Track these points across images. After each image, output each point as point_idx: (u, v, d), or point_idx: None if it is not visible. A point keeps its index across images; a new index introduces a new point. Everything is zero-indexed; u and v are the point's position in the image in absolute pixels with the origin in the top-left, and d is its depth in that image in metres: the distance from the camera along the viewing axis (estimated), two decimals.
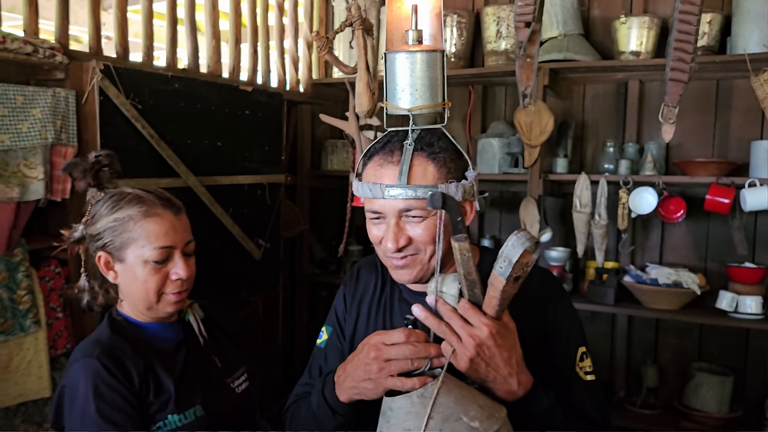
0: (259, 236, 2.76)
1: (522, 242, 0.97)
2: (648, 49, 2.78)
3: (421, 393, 0.98)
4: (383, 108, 1.85)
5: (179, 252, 1.37)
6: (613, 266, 2.95)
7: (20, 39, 1.88)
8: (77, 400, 1.28)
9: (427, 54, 1.12)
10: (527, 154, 2.79)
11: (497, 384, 1.06)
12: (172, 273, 1.36)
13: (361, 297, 1.37)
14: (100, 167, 1.41)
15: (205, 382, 1.45)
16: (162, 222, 1.35)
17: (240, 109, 2.65)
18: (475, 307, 1.05)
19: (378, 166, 1.17)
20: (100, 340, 1.34)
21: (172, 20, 2.61)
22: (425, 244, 1.16)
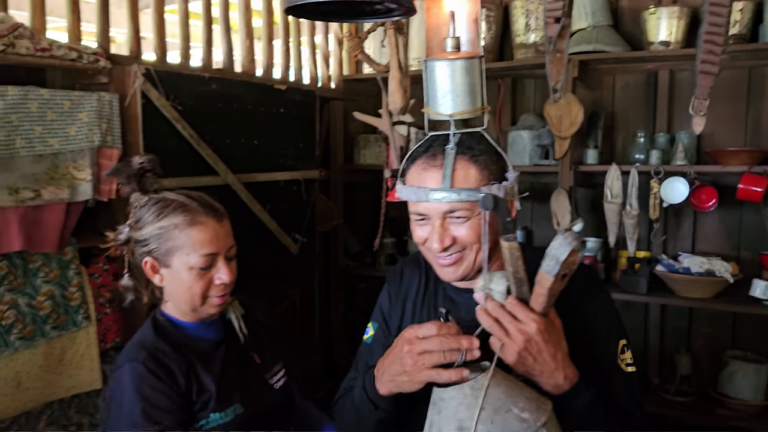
0: (296, 231, 2.83)
1: (569, 242, 1.01)
2: (678, 39, 2.77)
3: (473, 385, 1.02)
4: (412, 104, 1.91)
5: (222, 257, 1.43)
6: (645, 256, 2.96)
7: (65, 45, 1.96)
8: (124, 405, 1.34)
9: (467, 61, 1.16)
10: (557, 146, 2.81)
11: (543, 377, 1.10)
12: (216, 278, 1.42)
13: (406, 294, 1.41)
14: (144, 172, 1.47)
15: (243, 380, 1.50)
16: (206, 230, 1.41)
17: (275, 108, 2.71)
18: (522, 304, 1.09)
19: (421, 170, 1.21)
20: (144, 344, 1.40)
21: (207, 20, 2.68)
22: (470, 244, 1.20)
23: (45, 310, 1.92)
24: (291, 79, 3.18)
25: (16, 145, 1.80)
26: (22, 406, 1.87)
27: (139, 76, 2.10)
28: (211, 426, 1.39)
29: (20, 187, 1.81)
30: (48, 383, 1.93)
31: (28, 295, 1.88)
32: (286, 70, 3.14)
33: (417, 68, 3.19)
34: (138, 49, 2.37)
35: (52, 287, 1.93)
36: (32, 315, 1.89)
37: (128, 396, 1.33)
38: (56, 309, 1.95)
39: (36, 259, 1.90)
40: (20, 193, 1.81)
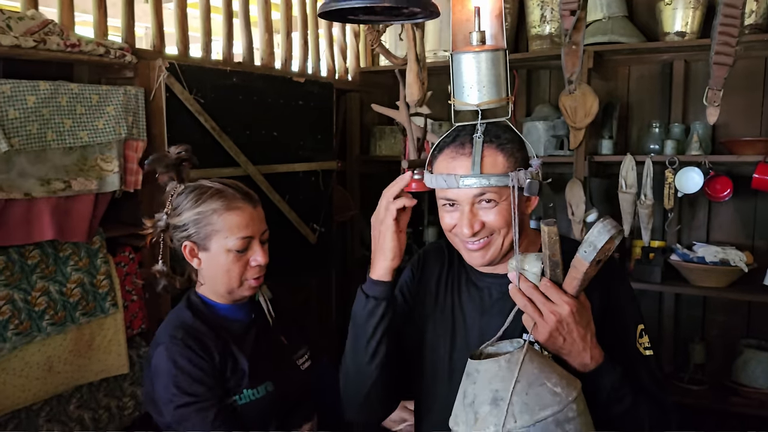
0: (314, 221, 2.89)
1: (608, 229, 1.05)
2: (693, 29, 2.79)
3: (508, 358, 1.08)
4: (429, 96, 1.95)
5: (257, 240, 1.50)
6: (659, 245, 2.99)
7: (93, 41, 2.02)
8: (163, 379, 1.41)
9: (492, 53, 1.21)
10: (572, 137, 2.84)
11: (571, 356, 1.16)
12: (252, 260, 1.49)
13: (428, 279, 1.46)
14: (181, 162, 1.54)
15: (273, 359, 1.56)
16: (243, 214, 1.48)
17: (293, 100, 2.76)
18: (556, 286, 1.14)
19: (450, 159, 1.26)
20: (183, 323, 1.47)
21: (228, 15, 2.73)
22: (498, 228, 1.26)
23: (75, 297, 1.99)
24: (309, 71, 3.23)
25: (48, 138, 1.86)
26: (54, 389, 1.94)
27: (163, 71, 2.16)
28: (243, 402, 1.45)
29: (52, 179, 1.88)
30: (78, 367, 2.01)
31: (59, 283, 1.95)
32: (305, 62, 3.19)
33: (433, 60, 3.23)
34: (161, 44, 2.42)
35: (81, 275, 2.00)
36: (63, 302, 1.96)
37: (167, 372, 1.40)
38: (85, 296, 2.02)
39: (66, 248, 1.97)
40: (52, 184, 1.88)
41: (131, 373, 2.17)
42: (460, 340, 1.39)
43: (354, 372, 1.35)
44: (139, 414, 2.21)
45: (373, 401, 1.37)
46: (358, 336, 1.32)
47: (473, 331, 1.38)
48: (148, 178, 2.16)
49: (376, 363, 1.32)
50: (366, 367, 1.32)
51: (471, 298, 1.40)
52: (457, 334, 1.39)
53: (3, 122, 1.75)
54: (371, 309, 1.30)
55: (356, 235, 3.52)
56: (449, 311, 1.41)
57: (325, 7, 1.10)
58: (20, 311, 1.85)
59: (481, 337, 1.36)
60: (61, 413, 2.00)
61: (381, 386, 1.34)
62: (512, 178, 1.21)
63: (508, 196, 1.24)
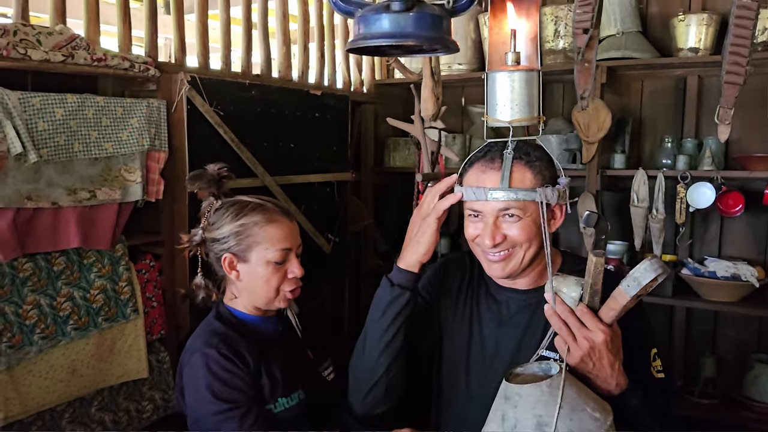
0: (329, 231, 2.94)
1: (654, 268, 1.07)
2: (707, 46, 2.82)
3: (549, 383, 1.10)
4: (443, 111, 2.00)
5: (294, 253, 1.58)
6: (670, 259, 3.01)
7: (118, 56, 2.09)
8: (200, 388, 1.44)
9: (526, 73, 1.27)
10: (585, 151, 2.87)
11: (598, 381, 1.19)
12: (289, 272, 1.57)
13: (448, 286, 1.51)
14: (221, 178, 1.60)
15: (303, 370, 1.61)
16: (282, 227, 1.56)
17: (310, 112, 2.82)
18: (592, 313, 1.17)
19: (480, 172, 1.33)
20: (217, 332, 1.51)
21: (247, 28, 2.80)
22: (520, 243, 1.31)
23: (98, 303, 2.05)
24: (325, 83, 3.29)
25: (75, 149, 1.93)
26: (77, 392, 2.00)
27: (185, 84, 2.22)
28: (278, 410, 1.50)
29: (78, 188, 1.95)
30: (99, 371, 2.07)
31: (83, 289, 2.01)
32: (321, 74, 3.25)
33: (447, 74, 3.28)
34: (183, 56, 2.49)
35: (104, 281, 2.07)
36: (86, 307, 2.02)
37: (203, 380, 1.44)
38: (108, 302, 2.08)
39: (90, 255, 2.04)
40: (78, 193, 1.94)
41: (150, 378, 2.23)
42: (476, 349, 1.43)
43: (365, 359, 1.40)
44: (157, 417, 2.27)
45: (377, 395, 1.41)
46: (377, 322, 1.37)
47: (489, 341, 1.42)
48: (169, 189, 2.23)
49: (388, 352, 1.36)
50: (378, 355, 1.37)
51: (489, 310, 1.45)
52: (473, 343, 1.44)
53: (32, 134, 1.81)
54: (394, 297, 1.35)
55: (370, 245, 3.57)
56: (467, 320, 1.46)
57: (353, 44, 1.17)
58: (46, 316, 1.91)
59: (496, 347, 1.41)
60: (83, 415, 2.06)
61: (387, 380, 1.38)
62: (540, 194, 1.27)
63: (532, 213, 1.30)
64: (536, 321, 1.39)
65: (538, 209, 1.29)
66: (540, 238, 1.31)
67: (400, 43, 1.15)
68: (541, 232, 1.29)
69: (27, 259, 1.86)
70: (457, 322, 1.47)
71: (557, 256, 1.47)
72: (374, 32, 1.14)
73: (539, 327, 1.38)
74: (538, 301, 1.39)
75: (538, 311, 1.38)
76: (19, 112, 1.78)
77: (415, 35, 1.14)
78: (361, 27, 1.16)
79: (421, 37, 1.15)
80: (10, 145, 1.75)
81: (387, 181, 3.64)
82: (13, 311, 1.83)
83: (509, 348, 1.40)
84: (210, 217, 1.58)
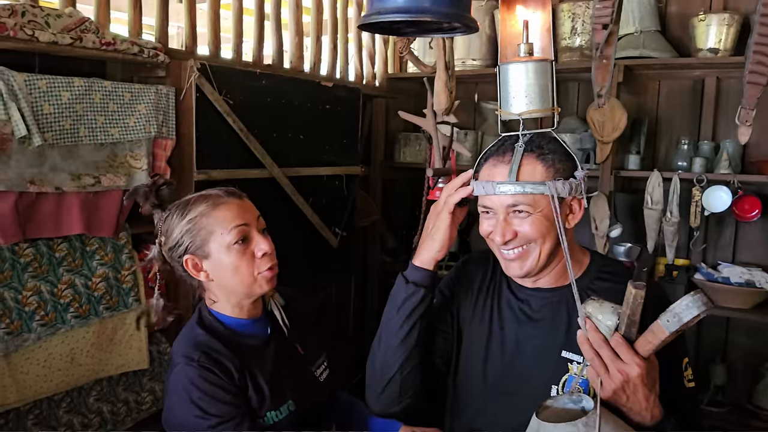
0: (336, 225, 2.90)
1: (698, 305, 1.01)
2: (727, 47, 2.76)
3: (585, 422, 1.04)
4: (457, 105, 1.96)
5: (254, 229, 1.44)
6: (683, 263, 2.95)
7: (127, 40, 2.05)
8: (180, 401, 1.36)
9: (538, 63, 1.23)
10: (599, 151, 2.82)
11: (632, 413, 1.13)
12: (256, 250, 1.42)
13: (470, 283, 1.48)
14: (158, 187, 1.49)
15: (293, 375, 1.51)
16: (230, 207, 1.43)
17: (321, 104, 2.78)
18: (628, 345, 1.10)
19: (491, 167, 1.30)
20: (198, 343, 1.41)
21: (259, 17, 2.76)
22: (533, 239, 1.26)
23: (99, 291, 2.01)
24: (337, 75, 3.25)
25: (80, 134, 1.89)
26: (75, 381, 1.97)
27: (194, 71, 2.18)
28: (267, 424, 1.40)
29: (82, 174, 1.91)
30: (99, 361, 2.03)
31: (84, 276, 1.98)
32: (333, 67, 3.21)
33: (461, 69, 3.23)
34: (194, 44, 2.45)
35: (106, 270, 2.03)
36: (87, 295, 1.99)
37: (186, 392, 1.35)
38: (109, 291, 2.05)
39: (93, 242, 2.00)
40: (82, 179, 1.91)
41: (150, 369, 2.19)
42: (495, 347, 1.40)
43: (382, 355, 1.38)
44: (157, 409, 2.23)
45: (392, 392, 1.38)
46: (392, 319, 1.35)
47: (509, 339, 1.39)
48: (175, 177, 2.19)
49: (403, 350, 1.34)
50: (394, 351, 1.35)
51: (510, 308, 1.41)
52: (492, 341, 1.41)
53: (38, 117, 1.78)
54: (409, 294, 1.33)
55: (377, 240, 3.53)
56: (488, 318, 1.43)
57: (365, 19, 1.11)
58: (46, 303, 1.88)
59: (516, 346, 1.37)
60: (81, 405, 2.02)
61: (402, 377, 1.36)
62: (550, 188, 1.22)
63: (545, 207, 1.25)
64: (559, 321, 1.35)
65: (550, 204, 1.24)
66: (554, 233, 1.26)
67: (415, 18, 1.09)
68: (555, 227, 1.25)
69: (28, 245, 1.83)
70: (477, 320, 1.43)
71: (584, 255, 1.42)
72: (388, 6, 1.08)
73: (562, 327, 1.34)
74: (561, 299, 1.36)
75: (561, 310, 1.35)
76: (25, 95, 1.75)
77: (432, 11, 1.07)
78: (375, 1, 1.10)
79: (439, 13, 1.08)
80: (14, 128, 1.72)
81: (396, 176, 3.60)
82: (13, 297, 1.80)
83: (530, 348, 1.36)
84: (162, 228, 1.47)
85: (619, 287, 1.20)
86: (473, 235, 3.36)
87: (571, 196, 1.26)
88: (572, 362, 1.31)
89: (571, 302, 1.30)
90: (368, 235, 3.53)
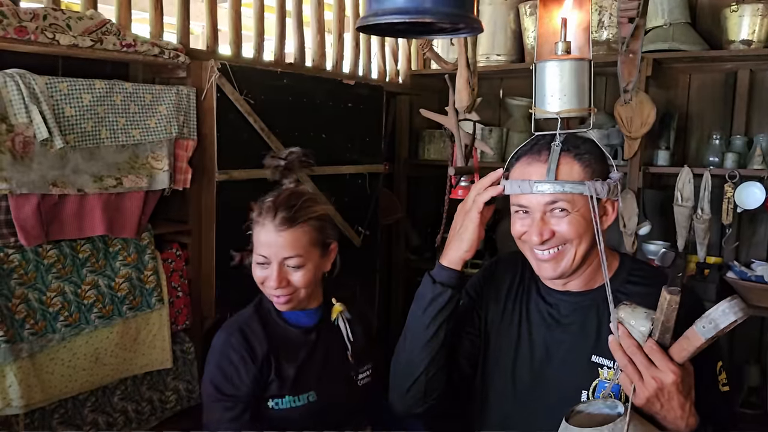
0: (359, 224, 2.88)
1: (735, 311, 0.98)
2: (761, 38, 2.67)
3: (612, 428, 1.02)
4: (479, 102, 1.93)
5: (277, 264, 1.50)
6: (715, 261, 2.87)
7: (148, 42, 2.06)
8: (208, 368, 1.52)
9: (576, 62, 1.22)
10: (627, 146, 2.76)
11: (666, 422, 1.09)
12: (268, 278, 1.51)
13: (498, 286, 1.45)
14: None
15: (325, 371, 1.57)
16: (263, 232, 1.51)
17: (343, 102, 2.76)
18: (662, 351, 1.07)
19: (526, 165, 1.27)
20: (241, 318, 1.56)
21: (281, 15, 2.75)
22: (570, 239, 1.24)
23: (123, 292, 2.03)
24: (360, 73, 3.23)
25: (102, 136, 1.91)
26: (100, 380, 1.99)
27: (215, 72, 2.18)
28: (282, 407, 1.49)
29: (104, 175, 1.92)
30: (123, 360, 2.05)
31: (108, 277, 2.00)
32: (356, 64, 3.19)
33: (485, 65, 3.18)
34: (215, 43, 2.46)
35: (129, 270, 2.04)
36: (111, 296, 2.00)
37: (210, 364, 1.51)
38: (133, 291, 2.06)
39: (116, 243, 2.02)
40: (104, 180, 1.92)
41: (174, 368, 2.21)
42: (524, 352, 1.38)
43: (407, 356, 1.36)
44: (181, 408, 2.25)
45: (417, 393, 1.36)
46: (418, 319, 1.33)
47: (538, 345, 1.36)
48: (197, 177, 2.20)
49: (429, 350, 1.32)
50: (420, 351, 1.33)
51: (539, 312, 1.38)
52: (521, 346, 1.38)
53: (59, 120, 1.80)
54: (436, 294, 1.31)
55: (401, 238, 3.51)
56: (516, 322, 1.40)
57: (363, 21, 1.07)
58: (70, 303, 1.90)
59: (546, 351, 1.35)
60: (105, 404, 2.04)
61: (427, 378, 1.34)
62: (589, 188, 1.20)
63: (581, 207, 1.23)
64: (589, 325, 1.31)
65: (587, 204, 1.22)
66: (591, 234, 1.24)
67: (416, 20, 1.04)
68: (592, 228, 1.22)
69: (51, 246, 1.85)
70: (505, 324, 1.41)
71: (613, 258, 1.38)
72: (387, 8, 1.03)
73: (592, 332, 1.31)
74: (590, 303, 1.33)
75: (591, 314, 1.32)
76: (46, 97, 1.76)
77: (432, 12, 1.02)
78: (373, 2, 1.06)
79: (440, 14, 1.03)
80: (36, 131, 1.73)
81: (421, 174, 3.57)
82: (37, 298, 1.82)
83: (559, 353, 1.33)
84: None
85: (650, 290, 1.18)
86: (499, 233, 3.31)
87: (607, 198, 1.24)
88: (602, 367, 1.28)
89: (602, 306, 1.28)
90: (393, 233, 3.51)
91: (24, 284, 1.80)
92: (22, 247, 1.78)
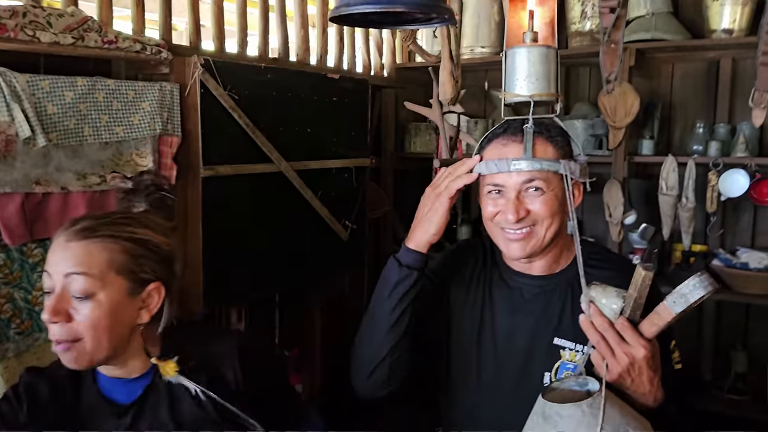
0: (346, 218, 2.88)
1: (704, 285, 1.01)
2: (742, 27, 2.69)
3: (590, 403, 1.04)
4: (463, 94, 1.94)
5: (59, 285, 1.09)
6: (701, 249, 2.90)
7: (131, 38, 2.04)
8: None
9: (543, 49, 1.27)
10: (612, 136, 2.77)
11: (636, 396, 1.13)
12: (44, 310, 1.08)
13: (460, 271, 1.46)
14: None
15: None
16: (53, 247, 1.13)
17: (327, 97, 2.76)
18: (633, 327, 1.10)
19: (502, 146, 1.30)
20: (43, 372, 1.25)
21: (264, 11, 2.74)
22: (542, 219, 1.27)
23: None
24: (344, 67, 3.22)
25: (85, 133, 1.89)
26: None
27: (198, 67, 2.17)
28: None
29: (88, 173, 1.91)
30: None
31: None
32: (340, 58, 3.18)
33: (469, 57, 3.19)
34: (198, 39, 2.44)
35: None
36: None
37: None
38: None
39: None
40: (88, 178, 1.91)
41: None
42: (488, 337, 1.39)
43: (369, 340, 1.35)
44: None
45: (380, 376, 1.35)
46: (384, 302, 1.33)
47: (502, 329, 1.38)
48: (182, 174, 2.19)
49: (393, 334, 1.32)
50: (385, 335, 1.32)
51: (502, 297, 1.40)
52: (484, 331, 1.40)
53: (41, 117, 1.78)
54: (402, 277, 1.31)
55: (389, 231, 3.51)
56: (479, 307, 1.41)
57: (335, 12, 1.08)
58: None
59: (509, 335, 1.36)
60: None
61: (391, 362, 1.33)
62: (564, 166, 1.24)
63: (555, 187, 1.26)
64: (551, 308, 1.34)
65: (561, 184, 1.26)
66: (561, 216, 1.28)
67: (387, 9, 1.05)
68: (562, 210, 1.27)
69: (36, 245, 1.84)
70: (468, 309, 1.42)
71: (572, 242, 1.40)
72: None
73: (555, 315, 1.34)
74: (554, 287, 1.36)
75: (553, 298, 1.35)
76: (28, 95, 1.75)
77: (404, 1, 1.04)
78: None
79: (411, 3, 1.06)
80: (19, 129, 1.72)
81: (407, 167, 3.57)
82: (23, 297, 1.81)
83: (522, 336, 1.36)
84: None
85: (608, 273, 1.24)
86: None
87: (581, 178, 1.28)
88: (564, 348, 1.31)
89: (563, 289, 1.33)
90: (380, 227, 3.51)
91: (9, 283, 1.78)
92: (7, 247, 1.77)
